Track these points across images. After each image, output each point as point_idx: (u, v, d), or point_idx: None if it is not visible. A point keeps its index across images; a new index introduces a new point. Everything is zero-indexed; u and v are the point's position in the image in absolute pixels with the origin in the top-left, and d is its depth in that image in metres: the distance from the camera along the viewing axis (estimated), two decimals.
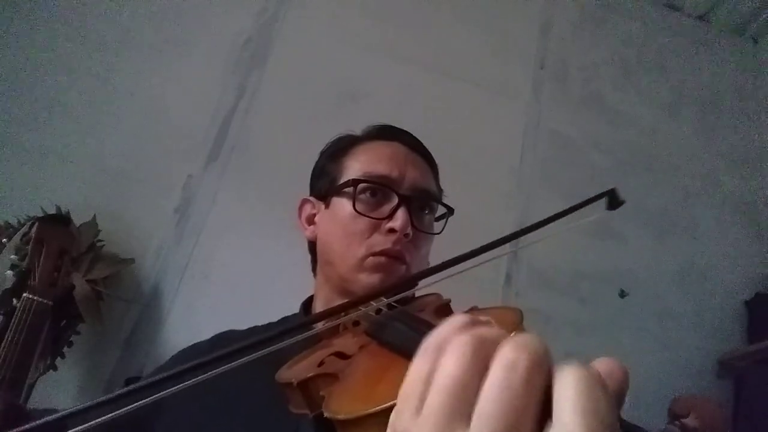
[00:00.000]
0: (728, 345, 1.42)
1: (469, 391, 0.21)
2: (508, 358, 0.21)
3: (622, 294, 1.44)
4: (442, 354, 0.23)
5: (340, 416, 0.29)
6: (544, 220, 0.44)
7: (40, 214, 1.04)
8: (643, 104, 1.69)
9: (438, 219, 0.73)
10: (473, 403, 0.21)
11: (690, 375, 1.37)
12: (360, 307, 0.40)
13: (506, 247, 0.65)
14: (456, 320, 0.25)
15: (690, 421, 0.20)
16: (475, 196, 1.40)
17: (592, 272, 1.45)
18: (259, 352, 0.34)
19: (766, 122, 1.74)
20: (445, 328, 0.24)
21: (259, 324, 0.74)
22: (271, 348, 0.34)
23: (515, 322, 0.30)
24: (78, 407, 0.30)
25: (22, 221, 1.02)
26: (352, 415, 0.27)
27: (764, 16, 1.78)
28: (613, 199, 0.38)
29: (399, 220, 0.63)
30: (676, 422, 0.20)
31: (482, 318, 0.26)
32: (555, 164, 1.55)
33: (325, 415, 0.30)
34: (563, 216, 0.50)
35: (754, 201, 1.64)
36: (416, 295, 0.62)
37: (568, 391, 0.20)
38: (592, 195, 0.45)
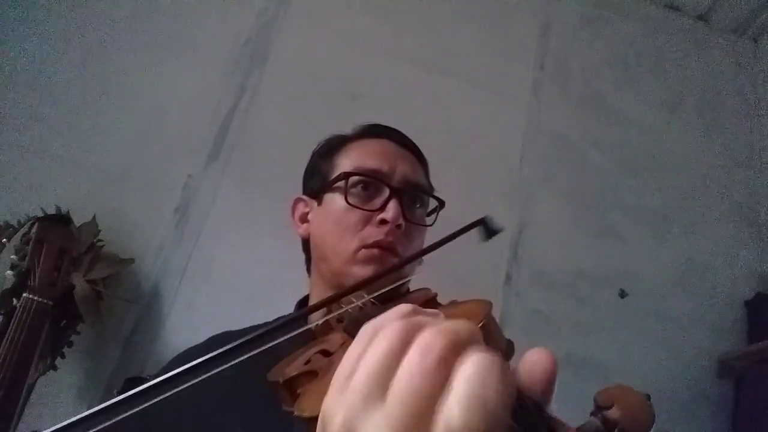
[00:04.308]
0: (728, 345, 1.42)
1: (391, 371, 0.21)
2: (426, 341, 0.21)
3: (622, 294, 1.44)
4: (374, 338, 0.23)
5: (306, 414, 0.29)
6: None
7: (40, 214, 1.04)
8: (643, 104, 1.68)
9: (429, 213, 0.74)
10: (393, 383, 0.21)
11: (690, 375, 1.37)
12: (342, 305, 0.40)
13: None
14: (398, 308, 0.25)
15: (612, 412, 0.20)
16: (475, 196, 1.40)
17: (592, 272, 1.45)
18: (255, 350, 0.34)
19: (766, 122, 1.74)
20: (386, 315, 0.24)
21: (256, 324, 0.74)
22: (265, 346, 0.34)
23: (479, 314, 0.29)
24: (71, 420, 0.30)
25: (22, 221, 1.02)
26: (316, 413, 0.26)
27: (764, 16, 1.78)
28: (487, 229, 0.37)
29: (391, 211, 0.64)
30: (599, 415, 0.21)
31: (430, 310, 0.26)
32: (555, 164, 1.55)
33: (295, 413, 0.30)
34: (439, 247, 0.50)
35: (754, 201, 1.64)
36: (410, 291, 0.62)
37: (460, 379, 0.20)
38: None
